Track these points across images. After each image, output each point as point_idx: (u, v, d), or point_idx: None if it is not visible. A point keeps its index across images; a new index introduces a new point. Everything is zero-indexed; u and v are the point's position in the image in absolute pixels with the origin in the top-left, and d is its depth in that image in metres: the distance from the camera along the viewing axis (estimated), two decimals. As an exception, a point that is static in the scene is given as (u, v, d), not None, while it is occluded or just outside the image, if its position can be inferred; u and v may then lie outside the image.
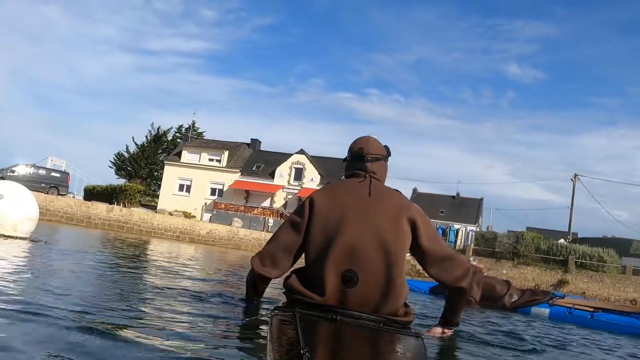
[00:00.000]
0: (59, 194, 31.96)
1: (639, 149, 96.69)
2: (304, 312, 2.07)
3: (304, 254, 2.51)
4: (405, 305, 2.44)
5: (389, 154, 2.74)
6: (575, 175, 41.79)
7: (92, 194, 43.27)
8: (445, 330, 2.87)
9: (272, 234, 2.68)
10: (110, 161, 58.32)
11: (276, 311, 2.20)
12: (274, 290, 3.42)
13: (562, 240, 36.75)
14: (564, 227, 42.99)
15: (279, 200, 45.28)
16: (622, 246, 36.56)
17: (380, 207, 2.45)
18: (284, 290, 2.49)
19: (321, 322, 2.06)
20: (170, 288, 3.83)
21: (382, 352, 1.94)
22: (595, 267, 31.30)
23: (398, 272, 2.34)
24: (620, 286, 28.55)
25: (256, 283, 2.74)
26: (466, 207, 46.07)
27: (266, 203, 44.98)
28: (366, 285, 2.28)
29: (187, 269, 6.79)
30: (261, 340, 2.16)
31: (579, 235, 43.65)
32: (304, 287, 2.34)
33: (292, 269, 2.59)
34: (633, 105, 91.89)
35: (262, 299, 2.96)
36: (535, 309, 6.65)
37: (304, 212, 2.51)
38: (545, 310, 6.55)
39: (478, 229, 42.08)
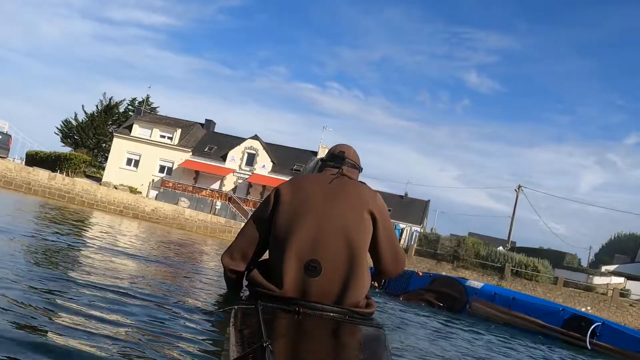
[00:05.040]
0: (-2, 156, 30.59)
1: (583, 167, 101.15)
2: (266, 305, 2.03)
3: (269, 245, 2.49)
4: (367, 296, 2.44)
5: (361, 169, 2.82)
6: (519, 187, 43.16)
7: (35, 159, 41.63)
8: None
9: (218, 217, 2.66)
10: (57, 128, 56.25)
11: (238, 304, 2.16)
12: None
13: (500, 248, 38.00)
14: (504, 235, 44.42)
15: (228, 184, 44.81)
16: (556, 258, 38.11)
17: (344, 197, 2.44)
18: (246, 284, 2.45)
19: (283, 315, 2.03)
20: (116, 270, 3.65)
21: (344, 344, 1.95)
22: (530, 276, 32.54)
23: (361, 262, 2.34)
24: (550, 296, 29.73)
25: (230, 277, 2.75)
26: (413, 208, 46.94)
27: (215, 185, 44.45)
28: (329, 275, 2.27)
29: (135, 248, 6.60)
30: (223, 334, 2.10)
31: (517, 244, 45.15)
32: (265, 279, 2.32)
33: (256, 261, 2.57)
34: (582, 124, 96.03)
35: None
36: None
37: (268, 203, 2.51)
38: None
39: (422, 230, 42.95)
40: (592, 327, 5.28)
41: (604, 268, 41.88)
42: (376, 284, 6.28)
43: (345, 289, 2.27)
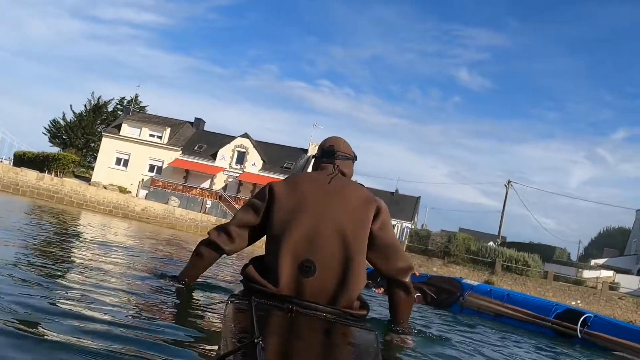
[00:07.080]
0: (-15, 157, 30.31)
1: (572, 162, 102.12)
2: (260, 301, 2.02)
3: (265, 242, 2.45)
4: (362, 298, 2.42)
5: (356, 157, 2.79)
6: (509, 182, 43.41)
7: (23, 160, 41.33)
8: (405, 338, 2.81)
9: (209, 216, 2.62)
10: (45, 128, 55.85)
11: (232, 299, 2.15)
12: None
13: (491, 243, 38.25)
14: (495, 230, 44.72)
15: (218, 183, 44.70)
16: (546, 253, 38.42)
17: (342, 198, 2.43)
18: (241, 279, 2.43)
19: (277, 312, 2.02)
20: (104, 267, 3.62)
21: (335, 345, 1.94)
22: (520, 271, 32.77)
23: (356, 264, 2.32)
24: (541, 290, 29.98)
25: (203, 253, 2.67)
26: (404, 204, 47.09)
27: (205, 184, 44.33)
28: (322, 276, 2.26)
29: (122, 246, 6.56)
30: (215, 329, 2.08)
31: (508, 240, 45.45)
32: (261, 276, 2.31)
33: (252, 257, 2.54)
34: (571, 121, 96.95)
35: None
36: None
37: (264, 196, 2.50)
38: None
39: (413, 226, 43.12)
40: (583, 317, 5.34)
41: (593, 262, 42.31)
42: (370, 282, 6.23)
43: (339, 290, 2.26)
